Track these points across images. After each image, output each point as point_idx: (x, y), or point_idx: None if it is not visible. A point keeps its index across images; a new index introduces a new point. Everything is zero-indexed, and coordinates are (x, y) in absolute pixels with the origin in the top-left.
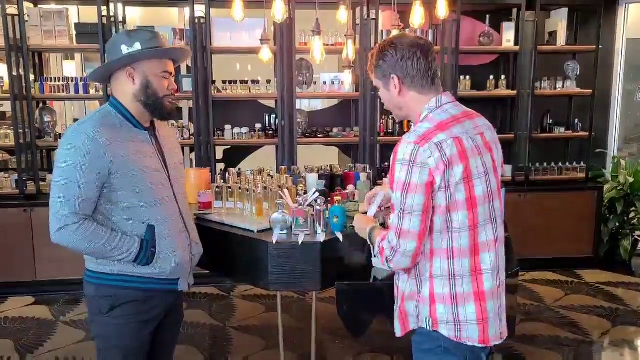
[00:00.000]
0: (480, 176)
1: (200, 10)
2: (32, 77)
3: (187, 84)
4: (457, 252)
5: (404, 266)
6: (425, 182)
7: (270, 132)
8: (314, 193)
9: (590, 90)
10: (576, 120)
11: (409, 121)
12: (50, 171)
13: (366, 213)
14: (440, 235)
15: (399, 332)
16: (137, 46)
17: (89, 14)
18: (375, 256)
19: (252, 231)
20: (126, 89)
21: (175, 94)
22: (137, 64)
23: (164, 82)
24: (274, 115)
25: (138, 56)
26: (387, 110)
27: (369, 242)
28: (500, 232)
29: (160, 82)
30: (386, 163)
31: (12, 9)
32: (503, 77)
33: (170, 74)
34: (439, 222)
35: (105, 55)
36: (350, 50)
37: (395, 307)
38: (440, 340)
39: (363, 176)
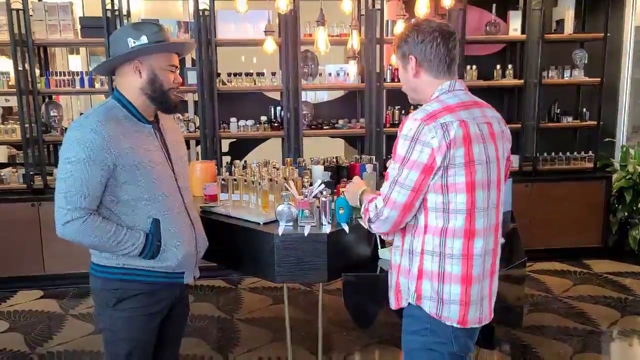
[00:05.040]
0: (481, 163)
1: (204, 2)
2: (37, 71)
3: (192, 77)
4: (450, 232)
5: (383, 230)
6: (424, 162)
7: (276, 124)
8: (320, 185)
9: (599, 79)
10: (584, 110)
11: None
12: (57, 165)
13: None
14: (436, 213)
15: (393, 305)
16: (144, 39)
17: (94, 8)
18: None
19: (258, 223)
20: (132, 82)
21: (180, 87)
22: (144, 58)
23: (170, 75)
24: (279, 108)
25: (146, 50)
26: (404, 92)
27: (358, 205)
28: (497, 219)
29: (167, 75)
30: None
31: (16, 4)
32: (510, 66)
33: (176, 67)
34: (437, 200)
35: (110, 48)
36: (355, 41)
37: (390, 278)
38: (426, 322)
39: (369, 167)
